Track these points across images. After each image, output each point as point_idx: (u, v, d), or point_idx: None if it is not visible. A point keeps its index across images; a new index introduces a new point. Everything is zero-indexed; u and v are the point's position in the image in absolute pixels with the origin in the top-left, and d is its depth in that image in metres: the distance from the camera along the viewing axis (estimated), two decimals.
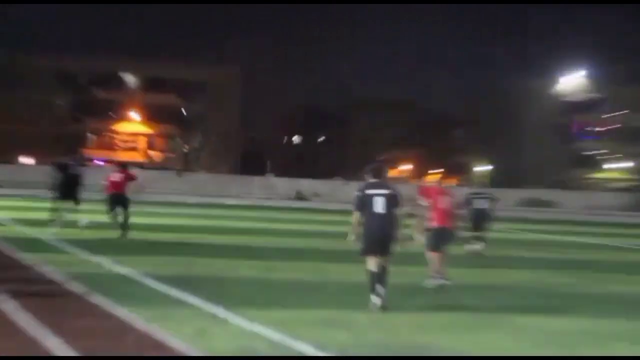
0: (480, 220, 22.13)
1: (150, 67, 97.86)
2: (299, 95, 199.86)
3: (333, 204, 54.82)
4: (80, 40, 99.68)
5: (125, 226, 21.81)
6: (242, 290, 13.09)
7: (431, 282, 14.77)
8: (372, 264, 11.97)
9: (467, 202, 22.14)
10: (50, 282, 12.97)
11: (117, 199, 22.10)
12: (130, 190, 22.29)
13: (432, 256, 15.00)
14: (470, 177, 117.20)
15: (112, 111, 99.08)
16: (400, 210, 12.16)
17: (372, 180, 12.26)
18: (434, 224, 15.17)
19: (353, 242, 12.12)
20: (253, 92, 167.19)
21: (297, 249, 21.23)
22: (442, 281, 14.71)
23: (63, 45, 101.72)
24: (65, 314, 10.22)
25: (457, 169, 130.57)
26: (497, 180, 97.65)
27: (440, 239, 15.04)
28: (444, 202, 15.26)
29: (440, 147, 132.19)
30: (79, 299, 11.41)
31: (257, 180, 66.77)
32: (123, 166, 23.35)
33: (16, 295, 11.32)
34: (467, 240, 21.64)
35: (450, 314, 11.89)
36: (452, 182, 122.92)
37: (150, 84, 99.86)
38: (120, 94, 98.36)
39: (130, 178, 22.47)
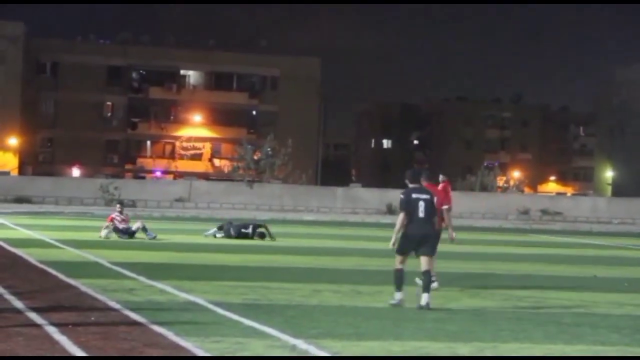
0: None
1: (214, 61, 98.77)
2: (385, 91, 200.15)
3: None
4: (133, 30, 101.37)
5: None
6: (324, 319, 13.36)
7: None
8: (399, 262, 14.84)
9: None
10: (110, 310, 13.49)
11: None
12: None
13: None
14: (594, 185, 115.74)
15: (171, 113, 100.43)
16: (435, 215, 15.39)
17: (412, 185, 15.19)
18: None
19: (393, 246, 14.93)
20: (334, 88, 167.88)
21: (389, 272, 21.37)
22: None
23: (112, 37, 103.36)
24: (127, 347, 10.64)
25: (575, 175, 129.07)
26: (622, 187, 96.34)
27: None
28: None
29: (556, 149, 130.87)
30: (141, 329, 11.85)
31: (340, 191, 67.07)
32: None
33: (72, 325, 11.81)
34: None
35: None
36: (569, 189, 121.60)
37: (215, 81, 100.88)
38: (180, 93, 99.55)
39: None
